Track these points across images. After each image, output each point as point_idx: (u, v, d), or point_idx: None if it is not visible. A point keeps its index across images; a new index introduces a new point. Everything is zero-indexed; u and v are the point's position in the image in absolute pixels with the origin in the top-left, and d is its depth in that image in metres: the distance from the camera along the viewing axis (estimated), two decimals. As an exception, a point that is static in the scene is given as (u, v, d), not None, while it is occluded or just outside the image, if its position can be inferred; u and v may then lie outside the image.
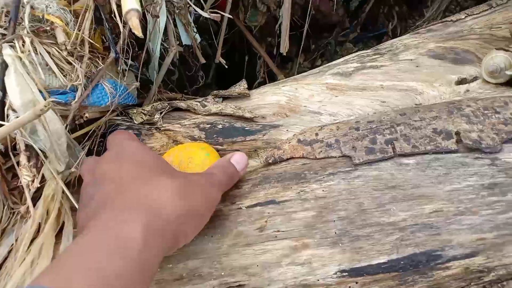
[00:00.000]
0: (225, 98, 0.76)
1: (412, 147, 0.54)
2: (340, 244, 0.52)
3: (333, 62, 0.79)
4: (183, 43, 0.85)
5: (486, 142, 0.51)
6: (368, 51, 0.79)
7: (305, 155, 0.60)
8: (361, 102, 0.70)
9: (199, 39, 0.87)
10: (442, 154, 0.53)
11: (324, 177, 0.56)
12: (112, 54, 0.66)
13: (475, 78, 0.70)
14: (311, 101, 0.72)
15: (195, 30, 0.85)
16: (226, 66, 0.92)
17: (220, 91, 0.76)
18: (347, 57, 0.79)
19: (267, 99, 0.74)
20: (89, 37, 0.64)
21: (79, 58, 0.63)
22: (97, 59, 0.66)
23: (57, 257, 0.48)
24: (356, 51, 0.90)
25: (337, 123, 0.64)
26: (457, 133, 0.53)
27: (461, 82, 0.70)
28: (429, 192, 0.51)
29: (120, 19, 0.63)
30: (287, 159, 0.61)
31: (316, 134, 0.62)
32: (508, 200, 0.48)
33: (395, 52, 0.76)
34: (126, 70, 0.68)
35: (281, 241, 0.54)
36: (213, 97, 0.74)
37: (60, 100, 0.61)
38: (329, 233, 0.53)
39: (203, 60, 0.88)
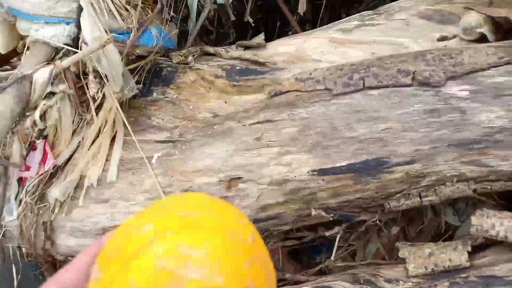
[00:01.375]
0: (246, 48, 0.94)
1: (378, 82, 0.70)
2: (314, 151, 0.70)
3: (339, 21, 0.95)
4: (217, 2, 1.03)
5: (434, 78, 0.66)
6: (369, 11, 0.94)
7: (298, 88, 0.77)
8: (356, 53, 0.86)
9: None
10: (400, 88, 0.68)
11: (309, 104, 0.74)
12: (159, 5, 0.87)
13: (454, 36, 0.83)
14: (315, 51, 0.89)
15: (228, -9, 1.04)
16: (253, 24, 1.10)
17: (243, 41, 0.94)
18: (351, 16, 0.95)
19: (280, 48, 0.91)
20: (142, -8, 0.85)
21: (134, 7, 0.84)
22: (147, 8, 0.87)
23: None
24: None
25: (329, 66, 0.81)
26: (414, 72, 0.68)
27: (442, 39, 0.84)
28: (385, 115, 0.67)
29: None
30: (285, 92, 0.79)
31: (310, 74, 0.79)
32: (442, 121, 0.64)
33: (391, 13, 0.90)
34: (168, 20, 0.89)
35: (271, 148, 0.73)
36: (236, 46, 0.93)
37: (118, 39, 0.83)
38: (307, 143, 0.71)
39: (233, 18, 1.07)
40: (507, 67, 0.64)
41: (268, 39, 0.95)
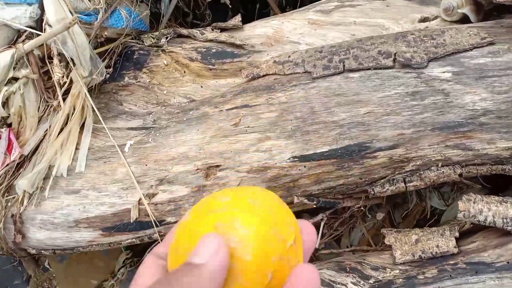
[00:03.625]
0: (222, 30, 0.90)
1: (358, 64, 0.67)
2: (294, 137, 0.67)
3: (318, 2, 0.92)
4: (192, -18, 0.99)
5: (416, 60, 0.64)
6: (349, -8, 0.91)
7: (276, 72, 0.74)
8: (335, 34, 0.83)
9: (205, -20, 1.01)
10: (381, 70, 0.66)
11: (288, 88, 0.71)
12: (128, -15, 0.81)
13: (436, 17, 0.81)
14: (294, 33, 0.85)
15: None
16: (230, 6, 1.06)
17: (218, 23, 0.90)
18: (330, -3, 0.92)
19: (257, 30, 0.88)
20: (109, -30, 0.80)
21: (101, -13, 0.79)
22: (115, -11, 0.81)
23: None
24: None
25: (308, 48, 0.78)
26: (395, 54, 0.66)
27: (424, 20, 0.82)
28: (365, 98, 0.65)
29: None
30: (263, 76, 0.76)
31: (289, 56, 0.76)
32: (424, 104, 0.62)
33: (371, -7, 0.88)
34: (139, 0, 0.84)
35: (249, 134, 0.70)
36: (211, 28, 0.89)
37: (85, 20, 0.77)
38: (287, 129, 0.68)
39: (208, -2, 1.03)
40: (490, 48, 0.63)
41: (248, 22, 0.91)
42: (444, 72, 0.62)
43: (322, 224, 0.75)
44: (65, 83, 0.75)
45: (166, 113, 0.78)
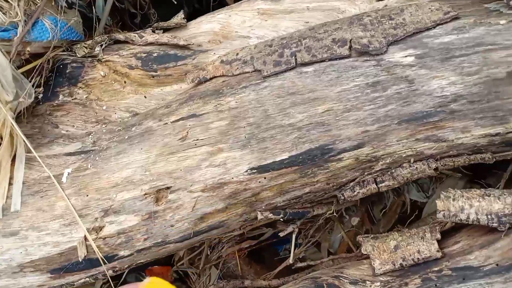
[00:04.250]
0: (165, 30, 0.82)
1: (311, 56, 0.60)
2: (249, 146, 0.60)
3: (267, -11, 0.83)
4: (127, -19, 0.89)
5: (374, 45, 0.57)
6: (299, -25, 0.83)
7: (224, 73, 0.66)
8: (287, 24, 0.75)
9: (143, -24, 0.91)
10: (337, 60, 0.59)
11: (238, 90, 0.63)
12: (48, -8, 0.72)
13: (394, -7, 0.74)
14: (243, 26, 0.77)
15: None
16: (175, 2, 0.97)
17: (160, 23, 0.81)
18: (279, -18, 0.83)
19: (203, 27, 0.79)
20: (23, -23, 0.70)
21: (16, -3, 0.69)
22: (34, -3, 0.72)
23: None
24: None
25: (257, 42, 0.70)
26: (351, 40, 0.59)
27: (382, -2, 0.74)
28: (322, 95, 0.58)
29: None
30: (211, 78, 0.68)
31: (237, 54, 0.68)
32: (387, 95, 0.55)
33: (322, -26, 0.80)
34: (64, 6, 0.74)
35: (199, 148, 0.62)
36: (152, 29, 0.80)
37: (2, 37, 0.68)
38: (240, 138, 0.60)
39: (149, -3, 0.93)
40: (455, 23, 0.56)
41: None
42: (406, 56, 0.55)
43: (293, 236, 0.68)
44: (-15, 112, 0.66)
45: (107, 131, 0.70)
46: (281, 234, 0.70)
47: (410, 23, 0.58)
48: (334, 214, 0.66)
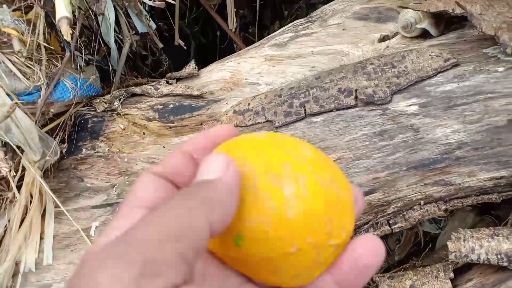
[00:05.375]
0: (178, 80, 0.86)
1: (319, 107, 0.63)
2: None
3: (272, 34, 0.88)
4: (140, 31, 0.94)
5: (378, 95, 0.60)
6: (302, 20, 0.87)
7: (238, 123, 0.70)
8: (294, 69, 0.79)
9: (154, 26, 0.96)
10: (344, 110, 0.62)
11: (252, 141, 0.67)
12: (68, 53, 0.77)
13: (396, 34, 0.77)
14: (252, 73, 0.81)
15: (149, 18, 0.95)
16: (185, 48, 1.02)
17: (173, 73, 0.86)
18: (283, 28, 0.88)
19: (214, 75, 0.84)
20: (44, 41, 0.75)
21: (38, 62, 0.74)
22: (55, 60, 0.77)
23: None
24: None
25: (266, 92, 0.74)
26: (356, 91, 0.62)
27: (383, 39, 0.78)
28: (332, 144, 0.61)
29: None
30: (225, 129, 0.71)
31: (248, 104, 0.72)
32: (395, 143, 0.58)
33: (324, 18, 0.84)
34: (83, 65, 0.79)
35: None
36: (165, 80, 0.85)
37: (27, 100, 0.73)
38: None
39: (160, 45, 0.98)
40: (455, 71, 0.59)
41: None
42: (410, 105, 0.59)
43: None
44: (16, 173, 0.70)
45: (129, 183, 0.74)
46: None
47: (412, 71, 0.61)
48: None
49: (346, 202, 0.26)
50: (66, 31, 0.63)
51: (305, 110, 0.64)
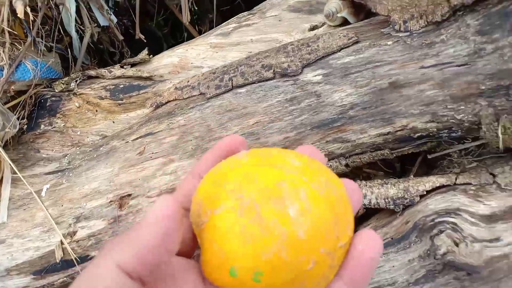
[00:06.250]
0: (133, 65, 0.96)
1: (244, 80, 0.73)
2: (195, 156, 0.72)
3: (219, 26, 0.98)
4: (101, 24, 1.04)
5: (291, 68, 0.70)
6: (245, 13, 0.98)
7: (176, 97, 0.80)
8: (234, 54, 0.89)
9: (115, 20, 1.07)
10: (264, 82, 0.72)
11: (186, 111, 0.76)
12: (30, 39, 0.87)
13: (323, 24, 0.88)
14: (197, 58, 0.91)
15: (110, 12, 1.05)
16: (145, 41, 1.12)
17: (127, 59, 0.96)
18: (229, 20, 0.98)
19: (164, 61, 0.94)
20: (8, 27, 0.85)
21: (2, 44, 0.84)
22: (18, 44, 0.86)
23: None
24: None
25: (205, 71, 0.83)
26: (274, 65, 0.72)
27: (313, 28, 0.89)
28: (253, 110, 0.71)
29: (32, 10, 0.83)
30: (166, 103, 0.81)
31: (188, 81, 0.81)
32: (301, 107, 0.68)
33: (263, 11, 0.95)
34: (43, 50, 0.89)
35: (154, 160, 0.74)
36: (121, 65, 0.95)
37: (-10, 77, 0.82)
38: (187, 149, 0.73)
39: (121, 37, 1.08)
40: (355, 46, 0.69)
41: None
42: (315, 75, 0.69)
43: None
44: (-24, 140, 0.79)
45: (80, 153, 0.83)
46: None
47: (322, 49, 0.71)
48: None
49: (343, 198, 0.28)
50: (21, 11, 0.73)
51: (232, 82, 0.74)
